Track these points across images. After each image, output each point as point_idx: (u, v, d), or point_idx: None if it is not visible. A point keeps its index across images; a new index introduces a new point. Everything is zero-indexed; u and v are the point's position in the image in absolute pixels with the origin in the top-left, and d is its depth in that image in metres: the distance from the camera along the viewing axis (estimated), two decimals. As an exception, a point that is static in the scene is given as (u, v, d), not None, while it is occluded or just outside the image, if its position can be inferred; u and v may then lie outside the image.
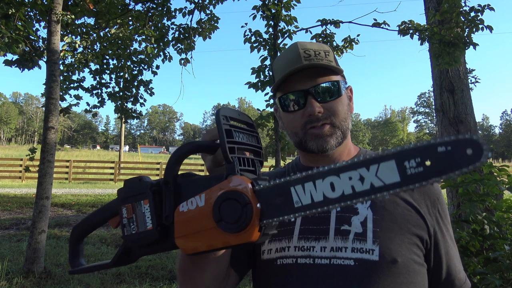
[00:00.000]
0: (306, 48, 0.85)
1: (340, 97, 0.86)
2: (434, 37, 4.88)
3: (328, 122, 0.84)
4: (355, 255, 0.76)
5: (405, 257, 0.76)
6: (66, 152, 46.32)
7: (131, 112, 7.30)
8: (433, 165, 0.48)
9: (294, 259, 0.79)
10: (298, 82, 0.84)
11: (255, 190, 0.53)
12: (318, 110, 0.83)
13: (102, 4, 6.16)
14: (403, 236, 0.78)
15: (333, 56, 0.88)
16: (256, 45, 5.31)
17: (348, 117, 0.88)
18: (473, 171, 2.58)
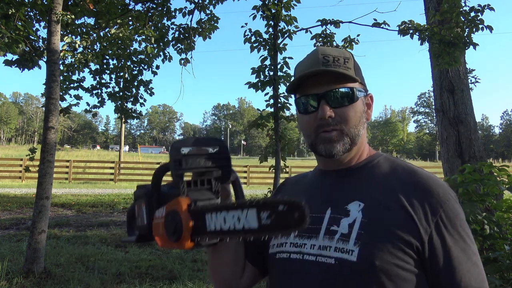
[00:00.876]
0: (326, 54, 0.89)
1: (353, 104, 0.88)
2: (434, 37, 4.88)
3: (338, 128, 0.87)
4: (337, 254, 0.80)
5: (385, 262, 0.76)
6: (66, 152, 46.33)
7: (131, 112, 7.30)
8: (274, 220, 0.57)
9: (288, 254, 0.87)
10: (314, 86, 0.88)
11: (190, 210, 0.65)
12: (328, 114, 0.86)
13: (102, 4, 6.16)
14: (388, 240, 0.78)
15: (353, 64, 0.90)
16: (256, 45, 5.31)
17: (359, 124, 0.89)
18: (473, 171, 2.58)
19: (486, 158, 6.14)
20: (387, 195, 0.83)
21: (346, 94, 0.87)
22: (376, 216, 0.81)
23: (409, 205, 0.81)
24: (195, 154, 0.71)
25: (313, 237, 0.84)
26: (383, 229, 0.79)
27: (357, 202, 0.84)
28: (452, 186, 2.64)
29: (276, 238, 0.92)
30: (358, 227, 0.80)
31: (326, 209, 0.87)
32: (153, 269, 5.13)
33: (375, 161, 0.93)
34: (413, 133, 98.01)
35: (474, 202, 2.41)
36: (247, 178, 17.20)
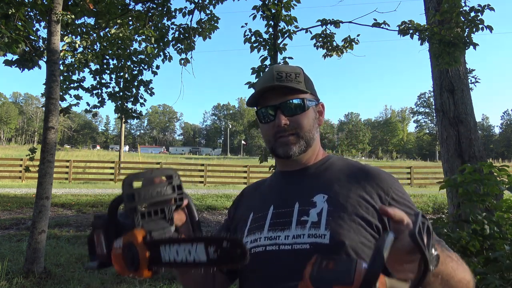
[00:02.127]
0: (279, 71, 1.05)
1: (305, 112, 1.03)
2: (434, 37, 4.88)
3: (294, 132, 1.02)
4: (310, 240, 0.90)
5: (353, 240, 0.89)
6: (66, 152, 46.33)
7: (131, 112, 7.30)
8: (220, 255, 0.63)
9: (264, 247, 0.96)
10: (271, 99, 1.04)
11: (145, 242, 0.69)
12: (284, 122, 1.01)
13: (102, 4, 6.15)
14: (352, 222, 0.91)
15: (303, 78, 1.06)
16: (256, 45, 5.31)
17: (313, 129, 1.05)
18: (473, 171, 2.58)
19: (486, 158, 6.14)
20: (345, 186, 0.98)
21: (298, 104, 1.03)
22: (339, 204, 0.95)
23: (364, 191, 0.96)
24: (146, 186, 0.75)
25: (286, 229, 0.95)
26: (347, 213, 0.92)
27: (321, 195, 0.98)
28: (452, 186, 2.64)
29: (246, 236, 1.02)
30: (326, 215, 0.93)
31: (294, 204, 0.99)
32: (153, 269, 5.13)
33: (330, 160, 1.09)
34: (413, 133, 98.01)
35: (474, 202, 2.41)
36: (247, 178, 17.21)
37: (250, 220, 1.05)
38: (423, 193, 13.11)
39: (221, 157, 63.16)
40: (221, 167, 19.39)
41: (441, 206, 10.66)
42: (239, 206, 1.17)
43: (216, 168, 19.20)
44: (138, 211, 0.72)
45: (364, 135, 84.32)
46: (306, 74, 1.09)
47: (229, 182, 17.60)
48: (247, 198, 1.17)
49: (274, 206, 1.02)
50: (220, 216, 9.54)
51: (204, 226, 8.39)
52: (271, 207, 1.02)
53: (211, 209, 10.22)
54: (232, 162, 35.68)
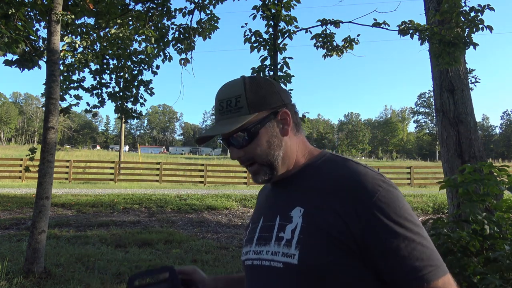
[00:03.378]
0: (221, 100, 0.95)
1: (254, 140, 0.93)
2: (434, 37, 4.88)
3: (251, 162, 0.95)
4: (283, 259, 0.87)
5: (322, 261, 0.82)
6: (66, 152, 46.32)
7: (131, 112, 7.30)
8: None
9: (251, 261, 0.96)
10: (224, 127, 0.94)
11: None
12: (237, 156, 0.95)
13: (102, 4, 6.15)
14: (323, 241, 0.83)
15: (245, 98, 0.92)
16: (256, 45, 5.31)
17: (271, 150, 0.94)
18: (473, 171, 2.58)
19: (486, 158, 6.14)
20: (322, 198, 0.87)
21: (242, 137, 0.93)
22: (313, 220, 0.86)
23: (339, 206, 0.84)
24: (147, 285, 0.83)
25: (268, 243, 0.92)
26: (318, 231, 0.84)
27: (298, 208, 0.90)
28: (452, 186, 2.64)
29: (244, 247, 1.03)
30: (299, 232, 0.87)
31: (275, 217, 0.94)
32: (153, 269, 5.12)
33: (316, 164, 0.97)
34: (413, 133, 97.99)
35: (474, 202, 2.41)
36: (247, 178, 17.21)
37: (249, 230, 1.04)
38: (423, 193, 13.11)
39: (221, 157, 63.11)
40: (221, 167, 19.39)
41: (441, 206, 10.66)
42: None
43: (216, 168, 19.19)
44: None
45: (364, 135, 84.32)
46: (254, 85, 0.94)
47: (229, 182, 17.60)
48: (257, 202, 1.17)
49: (263, 218, 0.99)
50: (220, 216, 9.54)
51: (204, 226, 8.40)
52: (261, 219, 0.99)
53: (211, 209, 10.22)
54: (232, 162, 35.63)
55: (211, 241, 7.00)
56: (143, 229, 7.77)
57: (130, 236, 6.98)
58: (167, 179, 17.43)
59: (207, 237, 7.38)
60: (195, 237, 7.24)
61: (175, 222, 8.62)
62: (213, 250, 6.33)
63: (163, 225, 8.29)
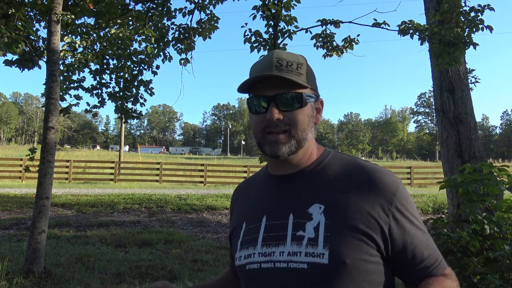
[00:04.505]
0: (280, 58, 0.91)
1: (301, 108, 0.91)
2: (434, 37, 4.88)
3: (285, 129, 0.90)
4: (308, 259, 0.82)
5: (354, 259, 0.81)
6: (66, 152, 46.31)
7: (131, 112, 7.30)
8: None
9: (259, 264, 0.88)
10: (266, 88, 0.91)
11: None
12: (276, 117, 0.89)
13: (102, 4, 6.15)
14: (352, 238, 0.82)
15: (306, 69, 0.93)
16: (256, 45, 5.32)
17: (307, 128, 0.93)
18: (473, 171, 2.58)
19: (486, 158, 6.14)
20: (342, 194, 0.87)
21: (295, 99, 0.90)
22: (338, 216, 0.85)
23: (365, 201, 0.85)
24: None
25: (281, 244, 0.86)
26: (346, 228, 0.83)
27: (317, 205, 0.87)
28: (452, 186, 2.64)
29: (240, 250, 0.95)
30: (324, 230, 0.84)
31: (288, 215, 0.89)
32: (153, 269, 5.13)
33: (326, 160, 0.96)
34: (413, 133, 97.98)
35: (474, 202, 2.41)
36: (247, 178, 17.20)
37: (243, 231, 0.96)
38: (423, 193, 13.11)
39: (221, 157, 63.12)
40: (221, 167, 19.39)
41: (441, 206, 10.66)
42: (234, 208, 1.10)
43: (216, 168, 19.19)
44: None
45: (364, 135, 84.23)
46: (309, 66, 0.97)
47: (229, 182, 17.60)
48: (240, 202, 1.08)
49: (266, 217, 0.92)
50: (220, 216, 9.54)
51: (204, 226, 8.40)
52: (264, 218, 0.92)
53: (211, 209, 10.22)
54: (232, 162, 35.68)
55: (211, 241, 7.00)
56: (143, 229, 7.77)
57: (130, 236, 6.98)
58: (167, 179, 17.42)
59: (207, 237, 7.38)
60: (195, 237, 7.24)
61: (175, 222, 8.62)
62: (213, 250, 6.33)
63: (163, 225, 8.29)
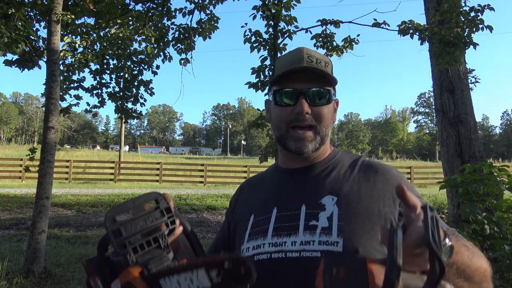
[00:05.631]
0: (310, 54, 0.94)
1: (328, 105, 0.95)
2: (434, 37, 4.88)
3: (312, 124, 0.93)
4: (322, 247, 0.83)
5: (366, 248, 0.82)
6: (66, 152, 46.30)
7: (131, 112, 7.30)
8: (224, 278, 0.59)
9: (269, 255, 0.87)
10: (295, 81, 0.93)
11: (143, 277, 0.63)
12: (306, 110, 0.91)
13: (102, 4, 6.15)
14: (365, 227, 0.84)
15: (331, 69, 0.97)
16: (256, 45, 5.32)
17: (329, 125, 0.97)
18: (473, 171, 2.58)
19: (486, 158, 6.14)
20: (354, 186, 0.91)
21: (324, 94, 0.93)
22: (350, 206, 0.88)
23: (375, 191, 0.90)
24: (132, 219, 0.69)
25: (293, 234, 0.87)
26: (360, 218, 0.86)
27: (330, 196, 0.90)
28: (452, 186, 2.64)
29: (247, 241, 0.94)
30: (337, 220, 0.86)
31: (300, 206, 0.91)
32: (153, 269, 5.12)
33: (338, 156, 1.01)
34: (413, 133, 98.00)
35: (474, 202, 2.41)
36: (246, 178, 17.21)
37: (251, 223, 0.96)
38: (423, 193, 13.11)
39: (221, 157, 63.16)
40: (221, 167, 19.38)
41: (441, 206, 10.66)
42: (238, 204, 1.08)
43: (216, 168, 19.19)
44: (128, 247, 0.66)
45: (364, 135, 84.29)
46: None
47: (229, 182, 17.60)
48: (247, 196, 1.07)
49: (277, 208, 0.93)
50: (220, 216, 9.54)
51: (204, 226, 8.39)
52: (274, 209, 0.93)
53: (211, 209, 10.22)
54: (232, 162, 35.67)
55: (211, 241, 6.98)
56: (143, 229, 7.77)
57: (130, 236, 6.97)
58: (167, 179, 17.42)
59: (207, 237, 7.38)
60: (195, 237, 7.24)
61: (175, 222, 8.62)
62: (213, 250, 6.32)
63: (163, 225, 8.28)
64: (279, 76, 0.94)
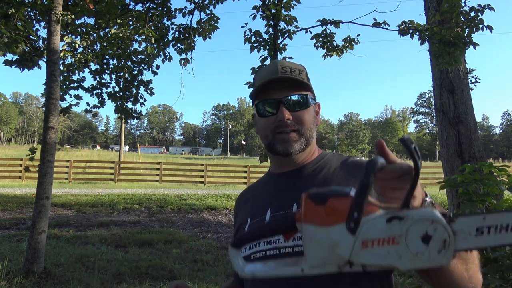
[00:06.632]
0: (284, 65, 1.02)
1: (307, 109, 1.01)
2: (434, 37, 4.88)
3: (295, 128, 0.99)
4: None
5: None
6: (66, 152, 46.30)
7: (131, 112, 7.30)
8: None
9: (264, 252, 0.91)
10: (273, 92, 1.00)
11: None
12: (287, 117, 0.97)
13: (102, 4, 6.15)
14: None
15: (306, 75, 1.04)
16: (256, 45, 5.31)
17: (313, 127, 1.03)
18: (473, 171, 2.58)
19: (486, 158, 6.14)
20: (342, 183, 0.95)
21: (301, 100, 1.00)
22: None
23: None
24: None
25: None
26: None
27: None
28: (452, 186, 2.64)
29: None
30: None
31: (292, 205, 0.95)
32: (153, 269, 5.13)
33: (326, 158, 1.06)
34: (413, 133, 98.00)
35: (474, 202, 2.41)
36: (247, 178, 17.21)
37: (248, 225, 1.01)
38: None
39: (221, 157, 63.13)
40: (221, 167, 19.38)
41: (441, 206, 10.65)
42: (239, 213, 1.14)
43: (216, 168, 19.19)
44: None
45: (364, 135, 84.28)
46: (307, 73, 1.07)
47: (229, 182, 17.60)
48: (244, 204, 1.13)
49: (271, 210, 0.98)
50: (220, 216, 9.54)
51: (204, 226, 8.40)
52: (268, 211, 0.98)
53: (211, 209, 10.22)
54: (232, 162, 35.67)
55: (211, 241, 7.00)
56: (143, 229, 7.77)
57: (130, 236, 6.98)
58: (167, 179, 17.42)
59: (207, 237, 7.38)
60: (195, 237, 7.24)
61: (175, 222, 8.62)
62: (213, 250, 6.33)
63: (163, 225, 8.29)
64: (258, 90, 1.01)
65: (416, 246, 0.55)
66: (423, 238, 0.55)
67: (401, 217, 0.55)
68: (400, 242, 0.55)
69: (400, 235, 0.55)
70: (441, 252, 0.55)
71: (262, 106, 1.01)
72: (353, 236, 0.55)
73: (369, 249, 0.55)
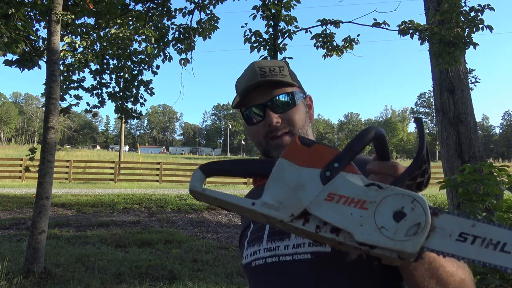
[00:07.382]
0: (262, 66, 0.96)
1: (295, 107, 0.95)
2: (434, 37, 4.88)
3: (287, 131, 0.93)
4: (311, 248, 0.83)
5: None
6: (66, 152, 46.32)
7: (131, 112, 7.30)
8: None
9: (264, 260, 0.89)
10: (256, 97, 0.94)
11: None
12: (275, 120, 0.92)
13: (102, 4, 6.15)
14: None
15: (288, 71, 0.98)
16: (256, 45, 5.32)
17: (306, 124, 0.97)
18: (473, 171, 2.58)
19: (486, 158, 6.14)
20: None
21: (287, 99, 0.94)
22: None
23: None
24: None
25: (285, 238, 0.88)
26: None
27: None
28: (452, 186, 2.64)
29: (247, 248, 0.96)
30: None
31: None
32: (153, 269, 5.13)
33: None
34: (413, 133, 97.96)
35: (474, 202, 2.41)
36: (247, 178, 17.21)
37: (250, 231, 0.99)
38: (423, 193, 13.06)
39: (221, 157, 63.16)
40: (221, 167, 19.36)
41: (441, 206, 10.66)
42: (242, 218, 1.12)
43: (216, 168, 19.16)
44: None
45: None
46: (290, 68, 1.01)
47: (229, 182, 17.60)
48: None
49: None
50: (220, 216, 9.54)
51: (204, 226, 8.39)
52: None
53: (211, 209, 10.22)
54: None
55: (211, 241, 7.00)
56: (143, 229, 7.77)
57: (130, 236, 6.98)
58: (167, 179, 17.42)
59: (207, 237, 7.38)
60: (195, 237, 7.24)
61: (175, 222, 8.62)
62: (213, 250, 6.33)
63: (163, 225, 8.29)
64: (240, 98, 0.96)
65: (384, 219, 0.49)
66: (395, 214, 0.49)
67: (381, 187, 0.51)
68: (369, 209, 0.49)
69: (371, 201, 0.50)
70: (409, 236, 0.48)
71: (248, 114, 0.96)
72: (323, 185, 0.52)
73: (332, 203, 0.50)
